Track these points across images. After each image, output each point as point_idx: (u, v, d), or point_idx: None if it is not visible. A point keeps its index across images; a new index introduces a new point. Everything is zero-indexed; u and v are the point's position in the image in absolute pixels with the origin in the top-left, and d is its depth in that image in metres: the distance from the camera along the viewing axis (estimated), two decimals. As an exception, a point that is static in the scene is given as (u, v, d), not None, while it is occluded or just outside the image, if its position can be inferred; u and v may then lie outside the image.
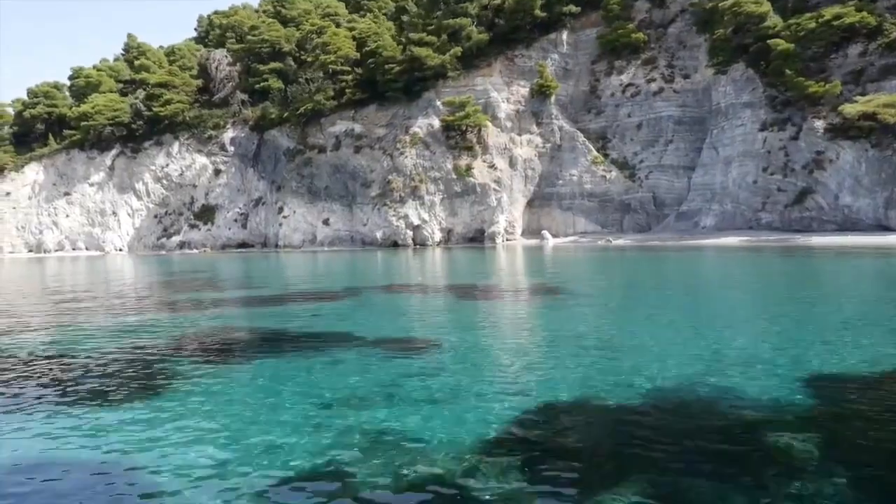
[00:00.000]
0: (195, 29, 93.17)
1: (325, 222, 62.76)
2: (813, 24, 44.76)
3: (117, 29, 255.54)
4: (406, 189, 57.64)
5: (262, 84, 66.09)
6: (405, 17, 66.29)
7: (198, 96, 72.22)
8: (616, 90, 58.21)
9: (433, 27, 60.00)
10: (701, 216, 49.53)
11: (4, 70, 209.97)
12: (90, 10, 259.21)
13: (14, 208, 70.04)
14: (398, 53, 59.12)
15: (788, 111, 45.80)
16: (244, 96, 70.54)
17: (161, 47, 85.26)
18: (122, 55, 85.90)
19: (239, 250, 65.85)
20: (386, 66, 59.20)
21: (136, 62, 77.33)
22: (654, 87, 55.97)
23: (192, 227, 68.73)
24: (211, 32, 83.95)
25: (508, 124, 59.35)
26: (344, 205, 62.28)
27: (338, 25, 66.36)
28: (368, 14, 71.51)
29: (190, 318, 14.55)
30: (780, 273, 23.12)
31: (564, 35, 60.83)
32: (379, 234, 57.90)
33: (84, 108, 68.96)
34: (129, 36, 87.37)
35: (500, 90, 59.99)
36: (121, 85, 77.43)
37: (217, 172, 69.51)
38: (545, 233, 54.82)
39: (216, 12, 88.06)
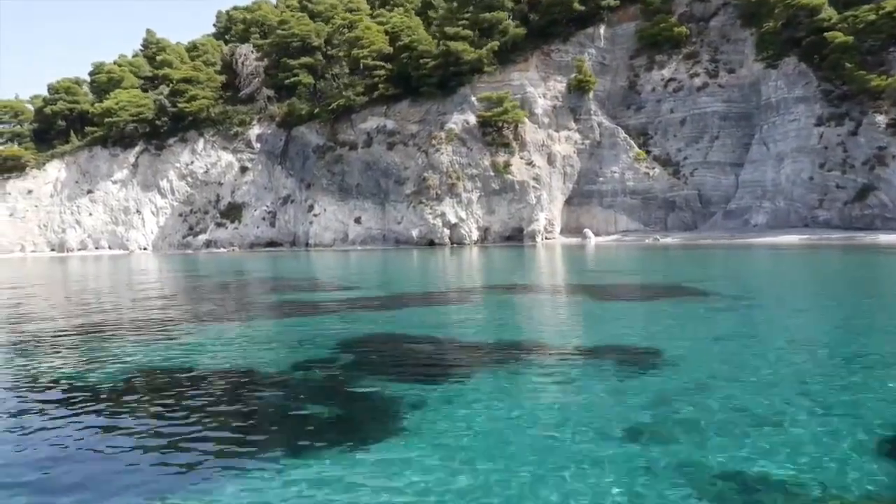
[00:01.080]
0: (214, 25, 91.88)
1: (357, 221, 61.39)
2: (873, 17, 43.47)
3: (129, 26, 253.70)
4: (443, 186, 56.27)
5: (291, 79, 64.64)
6: (433, 13, 65.04)
7: (222, 92, 70.82)
8: (657, 85, 56.89)
9: (468, 21, 58.63)
10: (751, 214, 48.19)
11: (16, 69, 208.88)
12: (102, 7, 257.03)
13: (36, 206, 68.62)
14: (433, 48, 57.73)
15: (846, 105, 44.50)
16: (270, 92, 69.16)
17: (178, 43, 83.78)
18: (141, 51, 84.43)
19: (267, 249, 64.49)
20: (421, 61, 57.81)
21: (158, 58, 75.88)
22: (697, 82, 54.65)
23: (219, 225, 67.35)
24: (233, 28, 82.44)
25: (546, 120, 58.01)
26: (376, 203, 60.91)
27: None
28: (396, 9, 70.08)
29: (323, 325, 13.21)
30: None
31: (602, 29, 59.54)
32: (415, 233, 56.53)
33: (108, 103, 67.53)
34: (148, 31, 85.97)
35: (537, 85, 58.65)
36: (141, 81, 75.95)
37: (243, 170, 68.12)
38: (587, 231, 53.47)
39: (236, 8, 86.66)
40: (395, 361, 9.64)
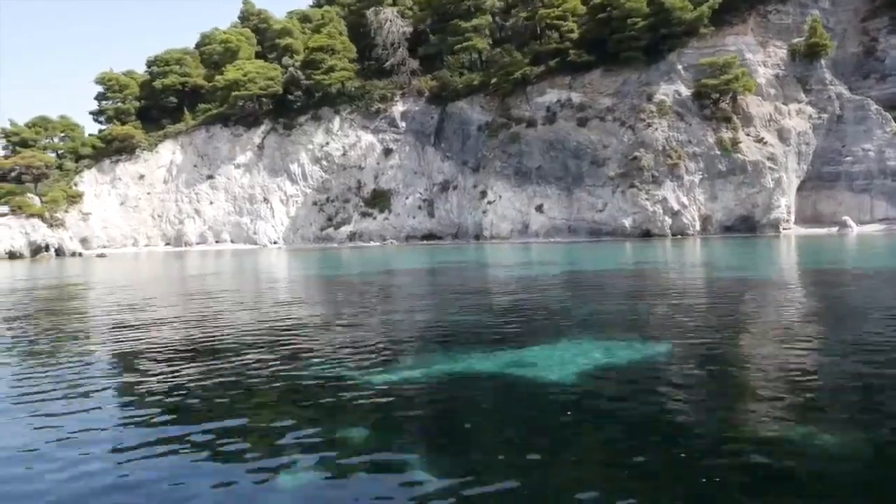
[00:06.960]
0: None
1: (538, 209, 52.70)
2: None
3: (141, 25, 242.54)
4: (660, 168, 47.80)
5: (464, 44, 55.76)
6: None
7: (355, 65, 62.06)
8: (908, 49, 48.63)
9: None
10: None
11: (78, 53, 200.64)
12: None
13: (149, 194, 59.69)
14: (643, 5, 49.20)
15: None
16: (415, 63, 60.52)
17: (270, 18, 74.51)
18: (239, 24, 75.54)
19: (424, 242, 55.72)
20: (628, 21, 49.25)
21: (276, 27, 67.03)
22: (968, 43, 46.43)
23: (365, 215, 58.51)
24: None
25: (771, 91, 49.66)
26: (561, 188, 52.25)
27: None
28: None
29: None
30: None
31: (827, -13, 51.38)
32: (626, 222, 47.97)
33: (232, 75, 58.58)
34: (246, 2, 77.21)
35: (755, 52, 50.32)
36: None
37: (387, 152, 59.41)
38: (847, 220, 44.99)
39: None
40: None
